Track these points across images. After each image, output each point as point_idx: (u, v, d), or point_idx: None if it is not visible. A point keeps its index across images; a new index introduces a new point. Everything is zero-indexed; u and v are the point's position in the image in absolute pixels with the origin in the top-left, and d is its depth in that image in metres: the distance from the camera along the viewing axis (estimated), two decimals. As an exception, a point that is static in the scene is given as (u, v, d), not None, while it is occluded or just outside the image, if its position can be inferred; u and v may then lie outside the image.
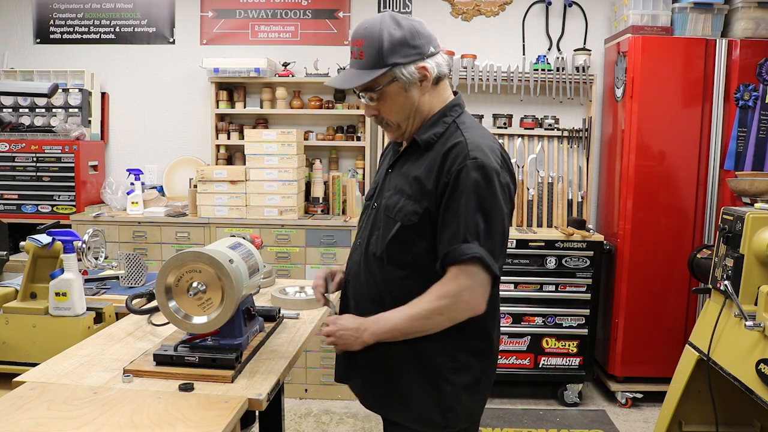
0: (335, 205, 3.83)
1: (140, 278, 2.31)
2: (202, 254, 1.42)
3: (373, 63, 1.37)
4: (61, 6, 4.07)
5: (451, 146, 1.38)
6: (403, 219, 1.40)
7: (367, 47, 1.37)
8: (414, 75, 1.39)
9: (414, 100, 1.42)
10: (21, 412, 1.23)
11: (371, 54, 1.37)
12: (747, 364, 2.05)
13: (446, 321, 1.38)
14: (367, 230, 1.51)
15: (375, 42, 1.36)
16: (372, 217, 1.51)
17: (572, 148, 3.82)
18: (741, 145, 3.36)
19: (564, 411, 3.43)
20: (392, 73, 1.38)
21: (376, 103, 1.44)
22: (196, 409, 1.26)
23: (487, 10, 3.92)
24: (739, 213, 2.25)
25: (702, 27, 3.42)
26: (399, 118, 1.45)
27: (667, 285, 3.44)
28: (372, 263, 1.47)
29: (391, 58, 1.36)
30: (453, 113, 1.46)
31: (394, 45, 1.36)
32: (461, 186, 1.34)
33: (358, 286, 1.51)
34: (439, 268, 1.38)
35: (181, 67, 4.04)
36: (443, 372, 1.43)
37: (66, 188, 3.68)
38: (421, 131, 1.45)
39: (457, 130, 1.42)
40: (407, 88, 1.40)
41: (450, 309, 1.36)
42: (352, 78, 1.41)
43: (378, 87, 1.40)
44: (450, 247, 1.34)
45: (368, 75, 1.37)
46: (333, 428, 3.21)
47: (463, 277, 1.34)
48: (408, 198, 1.40)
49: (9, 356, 1.87)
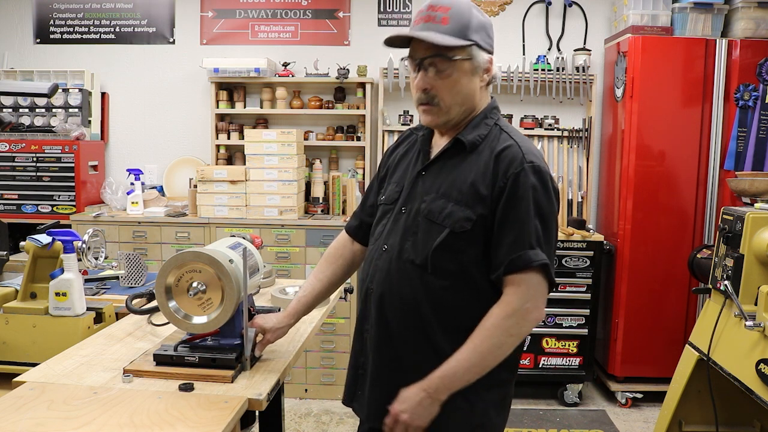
0: (335, 205, 3.83)
1: (140, 278, 2.31)
2: (202, 254, 1.42)
3: (458, 31, 1.31)
4: (61, 6, 4.07)
5: (502, 149, 1.33)
6: (453, 225, 1.32)
7: (453, 15, 1.32)
8: (485, 63, 1.36)
9: (474, 88, 1.37)
10: (21, 412, 1.23)
11: (458, 23, 1.31)
12: (747, 364, 2.05)
13: (516, 340, 1.31)
14: (396, 236, 1.40)
15: (464, 14, 1.32)
16: (402, 222, 1.40)
17: (572, 148, 3.82)
18: (741, 145, 3.36)
19: (564, 411, 3.43)
20: (471, 51, 1.33)
21: (436, 77, 1.34)
22: (196, 409, 1.26)
23: (487, 10, 3.92)
24: (739, 213, 2.25)
25: (702, 27, 3.42)
26: (454, 100, 1.36)
27: (667, 285, 3.44)
28: (409, 272, 1.36)
29: (475, 35, 1.33)
30: (493, 116, 1.42)
31: (481, 26, 1.34)
32: (521, 190, 1.29)
33: (388, 296, 1.40)
34: (496, 276, 1.30)
35: (181, 67, 4.04)
36: (477, 388, 1.33)
37: (66, 188, 3.68)
38: (465, 132, 1.38)
39: (502, 133, 1.37)
40: (474, 72, 1.36)
41: (518, 326, 1.29)
42: (432, 35, 1.30)
43: (454, 57, 1.32)
44: (514, 254, 1.28)
45: (451, 40, 1.30)
46: (333, 428, 3.21)
47: (524, 288, 1.28)
48: (457, 203, 1.33)
49: (9, 356, 1.87)
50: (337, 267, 1.63)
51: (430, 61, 1.33)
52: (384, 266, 1.41)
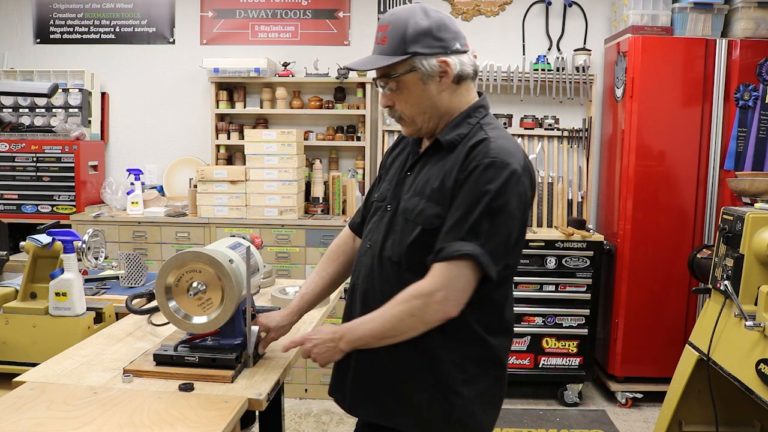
0: (335, 205, 3.83)
1: (140, 278, 2.31)
2: (202, 254, 1.42)
3: (394, 49, 1.34)
4: (61, 6, 4.07)
5: (473, 144, 1.33)
6: (424, 222, 1.34)
7: (391, 33, 1.34)
8: (434, 68, 1.34)
9: (431, 95, 1.37)
10: (21, 412, 1.23)
11: (394, 40, 1.33)
12: (747, 364, 2.05)
13: (419, 323, 1.30)
14: (380, 233, 1.44)
15: (400, 28, 1.33)
16: (386, 220, 1.44)
17: (572, 148, 3.82)
18: (741, 145, 3.36)
19: (564, 411, 3.43)
20: (411, 62, 1.34)
21: (392, 94, 1.39)
22: (196, 409, 1.25)
23: (487, 10, 3.92)
24: (739, 213, 2.25)
25: (702, 27, 3.42)
26: (414, 111, 1.39)
27: (667, 285, 3.44)
28: (388, 269, 1.40)
29: (413, 46, 1.33)
30: (478, 114, 1.41)
31: (418, 34, 1.33)
32: (472, 184, 1.29)
33: (371, 292, 1.44)
34: (428, 263, 1.31)
35: (181, 67, 4.04)
36: (453, 385, 1.36)
37: (66, 188, 3.68)
38: (445, 131, 1.39)
39: (481, 130, 1.37)
40: (425, 80, 1.35)
41: (422, 309, 1.29)
42: (372, 61, 1.36)
43: (395, 74, 1.35)
44: (445, 243, 1.29)
45: (387, 60, 1.34)
46: (333, 428, 3.21)
47: (442, 275, 1.28)
48: (429, 200, 1.35)
49: (9, 356, 1.87)
50: (339, 264, 1.66)
51: (382, 82, 1.39)
52: (368, 263, 1.46)
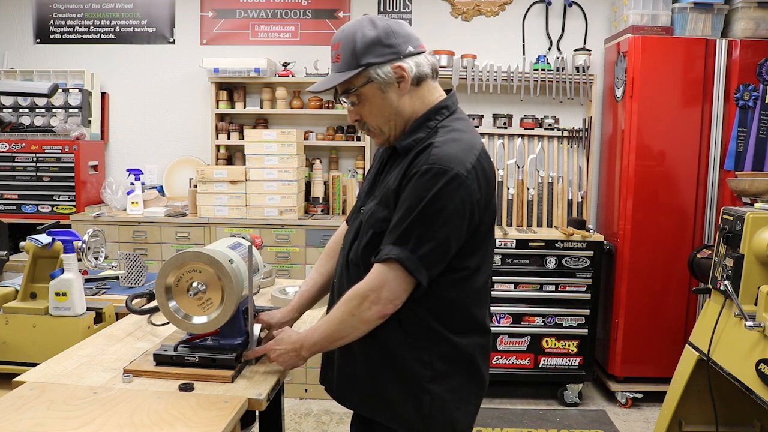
0: (335, 205, 3.83)
1: (140, 278, 2.31)
2: (202, 254, 1.42)
3: (348, 64, 1.36)
4: (61, 6, 4.07)
5: (419, 150, 1.34)
6: (374, 225, 1.37)
7: (342, 49, 1.36)
8: (390, 75, 1.36)
9: (392, 102, 1.38)
10: (21, 412, 1.23)
11: (346, 55, 1.36)
12: (747, 364, 2.05)
13: (359, 323, 1.34)
14: (350, 235, 1.49)
15: (350, 43, 1.35)
16: (357, 223, 1.49)
17: (572, 148, 3.82)
18: (741, 145, 3.36)
19: (564, 411, 3.43)
20: (367, 74, 1.35)
21: (356, 108, 1.42)
22: (196, 409, 1.26)
23: (487, 10, 3.92)
24: (739, 213, 2.25)
25: (702, 27, 3.42)
26: (379, 121, 1.41)
27: (667, 285, 3.44)
28: (351, 270, 1.45)
29: (364, 58, 1.34)
30: (439, 116, 1.40)
31: (367, 45, 1.34)
32: (410, 189, 1.30)
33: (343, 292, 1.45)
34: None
35: (181, 67, 4.05)
36: (421, 382, 1.38)
37: (66, 188, 3.68)
38: (402, 137, 1.41)
39: (435, 135, 1.36)
40: (384, 89, 1.37)
41: (359, 308, 1.33)
42: (329, 80, 1.39)
43: (354, 89, 1.37)
44: (382, 246, 1.33)
45: (343, 76, 1.36)
46: (333, 428, 3.21)
47: (377, 276, 1.31)
48: (380, 204, 1.38)
49: (9, 356, 1.87)
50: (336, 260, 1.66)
51: (344, 98, 1.42)
52: (341, 262, 1.52)
